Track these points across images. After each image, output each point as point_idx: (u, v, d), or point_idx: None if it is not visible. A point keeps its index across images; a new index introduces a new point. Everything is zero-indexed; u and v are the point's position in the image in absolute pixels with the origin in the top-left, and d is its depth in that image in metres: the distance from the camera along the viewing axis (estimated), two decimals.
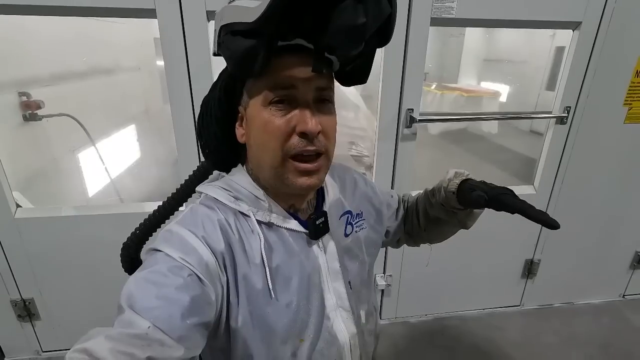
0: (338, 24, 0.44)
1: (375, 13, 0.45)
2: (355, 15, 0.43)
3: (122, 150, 2.44)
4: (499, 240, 1.88)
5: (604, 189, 1.86)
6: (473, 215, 0.69)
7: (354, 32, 0.45)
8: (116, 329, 0.41)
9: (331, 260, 0.61)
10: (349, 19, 0.43)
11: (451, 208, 0.67)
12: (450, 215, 0.69)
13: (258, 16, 0.43)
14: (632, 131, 1.74)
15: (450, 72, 4.07)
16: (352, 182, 0.73)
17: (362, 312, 0.66)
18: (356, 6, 0.43)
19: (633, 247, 2.03)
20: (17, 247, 1.51)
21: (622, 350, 1.80)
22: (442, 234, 0.77)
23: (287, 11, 0.43)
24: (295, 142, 0.51)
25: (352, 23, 0.44)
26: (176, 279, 0.45)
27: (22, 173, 1.66)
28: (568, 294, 2.09)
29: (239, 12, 0.46)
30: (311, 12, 0.44)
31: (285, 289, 0.56)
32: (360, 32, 0.45)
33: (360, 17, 0.43)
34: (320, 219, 0.60)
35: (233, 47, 0.48)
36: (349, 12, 0.43)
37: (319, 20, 0.44)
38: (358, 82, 0.57)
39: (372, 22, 0.45)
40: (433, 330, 1.92)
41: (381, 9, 0.46)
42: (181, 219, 0.54)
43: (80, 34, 1.90)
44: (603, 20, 1.51)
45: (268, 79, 0.50)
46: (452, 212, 0.68)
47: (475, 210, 0.68)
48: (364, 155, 2.44)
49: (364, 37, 0.47)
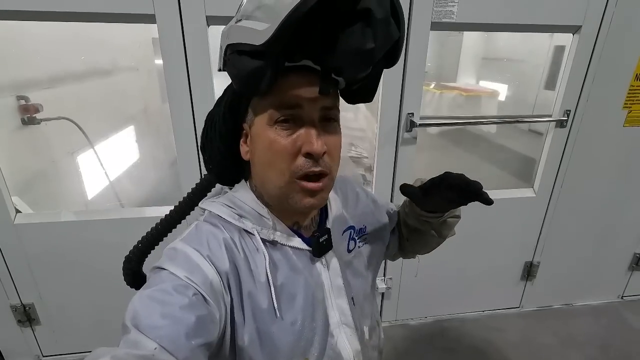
0: (346, 47, 0.43)
1: (383, 37, 0.44)
2: (364, 39, 0.43)
3: (121, 152, 2.43)
4: (499, 243, 1.89)
5: (603, 191, 1.86)
6: (447, 225, 0.68)
7: (362, 56, 0.44)
8: (122, 349, 0.40)
9: (334, 277, 0.61)
10: (357, 43, 0.43)
11: (418, 215, 0.67)
12: (423, 223, 0.68)
13: (266, 39, 0.43)
14: (631, 134, 1.74)
15: (449, 71, 4.06)
16: (354, 195, 0.73)
17: (365, 327, 0.66)
18: (365, 30, 0.43)
19: (631, 248, 2.04)
20: (17, 252, 1.50)
21: (621, 351, 1.81)
22: (425, 245, 0.76)
23: (295, 34, 0.42)
24: (302, 163, 0.51)
25: (361, 47, 0.43)
26: (181, 298, 0.45)
27: (21, 176, 1.66)
28: (567, 296, 2.11)
29: (246, 34, 0.46)
30: (319, 34, 0.43)
31: (290, 307, 0.55)
32: (368, 56, 0.45)
33: (369, 42, 0.43)
34: (323, 236, 0.60)
35: (239, 67, 0.48)
36: (358, 36, 0.43)
37: (327, 42, 0.44)
38: (364, 101, 0.57)
39: (380, 47, 0.44)
40: (433, 332, 1.93)
41: (390, 33, 0.45)
42: (186, 237, 0.54)
43: (78, 34, 1.88)
44: (603, 24, 1.51)
45: (274, 97, 0.50)
46: (425, 221, 0.67)
47: (448, 220, 0.68)
48: (363, 157, 2.43)
49: (372, 61, 0.46)
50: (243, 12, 0.48)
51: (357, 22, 0.43)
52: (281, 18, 0.41)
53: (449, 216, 0.68)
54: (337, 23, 0.43)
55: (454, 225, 0.70)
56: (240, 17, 0.48)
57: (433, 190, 0.60)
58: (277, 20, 0.41)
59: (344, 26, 0.43)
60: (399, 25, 0.46)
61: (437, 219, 0.66)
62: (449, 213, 0.67)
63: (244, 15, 0.47)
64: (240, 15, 0.48)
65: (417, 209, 0.67)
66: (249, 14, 0.46)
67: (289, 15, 0.40)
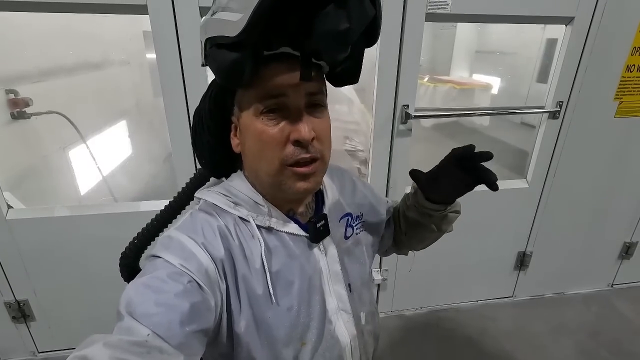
0: (321, 29, 0.43)
1: (358, 16, 0.44)
2: (338, 20, 0.42)
3: (114, 146, 2.41)
4: (492, 234, 1.92)
5: (594, 181, 1.89)
6: (447, 220, 0.69)
7: (338, 37, 0.44)
8: (115, 336, 0.40)
9: (332, 263, 0.62)
10: (332, 25, 0.43)
11: (421, 207, 0.68)
12: (424, 217, 0.69)
13: (241, 29, 0.42)
14: (622, 125, 1.77)
15: (443, 64, 4.06)
16: (351, 184, 0.73)
17: (362, 313, 0.67)
18: (338, 11, 0.42)
19: (621, 238, 2.08)
20: (10, 248, 1.48)
21: (610, 337, 1.85)
22: (422, 240, 0.77)
23: (269, 20, 0.42)
24: (291, 150, 0.51)
25: (336, 28, 0.43)
26: (176, 285, 0.45)
27: (12, 172, 1.63)
28: (559, 285, 2.15)
29: (221, 26, 0.45)
30: (294, 19, 0.43)
31: (286, 293, 0.56)
32: (344, 37, 0.44)
33: (344, 23, 0.42)
34: (320, 222, 0.60)
35: (219, 60, 0.47)
36: (332, 17, 0.42)
37: (302, 27, 0.44)
38: (349, 83, 0.57)
39: (356, 26, 0.44)
40: (428, 322, 1.96)
41: (365, 12, 0.45)
42: (180, 225, 0.54)
43: (66, 27, 1.84)
44: (595, 16, 1.53)
45: (258, 88, 0.50)
46: (427, 215, 0.68)
47: (449, 215, 0.69)
48: (358, 150, 2.44)
49: (348, 41, 0.46)
50: (218, 3, 0.47)
51: (330, 4, 0.42)
52: (253, 6, 0.40)
53: (450, 211, 0.68)
54: (311, 6, 0.42)
55: (454, 220, 0.71)
56: (216, 9, 0.48)
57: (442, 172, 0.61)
58: (250, 9, 0.41)
59: (317, 9, 0.42)
60: (374, 3, 0.46)
61: (440, 212, 0.67)
62: (450, 207, 0.68)
63: (219, 7, 0.47)
64: (216, 7, 0.48)
65: (421, 199, 0.67)
66: (224, 5, 0.46)
67: (260, 3, 0.40)
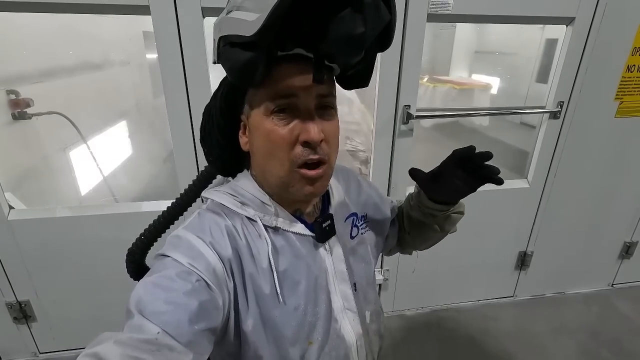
0: (337, 33, 0.43)
1: (374, 21, 0.44)
2: (354, 25, 0.43)
3: (114, 146, 2.41)
4: (493, 234, 1.92)
5: (595, 181, 1.90)
6: (451, 220, 0.70)
7: (353, 41, 0.44)
8: (126, 334, 0.41)
9: (337, 263, 0.62)
10: (347, 28, 0.43)
11: (424, 207, 0.68)
12: (427, 217, 0.69)
13: (257, 30, 0.42)
14: (622, 125, 1.77)
15: (442, 64, 4.07)
16: (356, 184, 0.73)
17: (367, 312, 0.67)
18: (354, 15, 0.42)
19: (622, 237, 2.09)
20: (11, 249, 1.48)
21: (611, 336, 1.86)
22: (426, 240, 0.78)
23: (285, 22, 0.42)
24: (300, 151, 0.51)
25: (351, 32, 0.43)
26: (184, 284, 0.46)
27: (13, 172, 1.63)
28: (559, 284, 2.15)
29: (236, 25, 0.45)
30: (310, 21, 0.43)
31: (293, 292, 0.56)
32: (359, 41, 0.44)
33: (359, 27, 0.43)
34: (326, 222, 0.60)
35: (232, 59, 0.47)
36: (348, 21, 0.43)
37: (317, 29, 0.44)
38: (360, 86, 0.57)
39: (371, 31, 0.44)
40: (429, 322, 1.96)
41: (380, 17, 0.45)
42: (189, 225, 0.55)
43: (66, 27, 1.84)
44: (596, 16, 1.53)
45: (269, 88, 0.50)
46: (430, 215, 0.69)
47: (452, 215, 0.69)
48: (359, 150, 2.44)
49: (363, 45, 0.46)
50: (233, 2, 0.48)
51: (346, 7, 0.42)
52: (270, 7, 0.41)
53: (454, 211, 0.69)
54: (327, 9, 0.43)
55: (457, 221, 0.71)
56: (231, 8, 0.48)
57: (443, 172, 0.61)
58: (267, 10, 0.41)
59: (333, 12, 0.43)
60: (390, 8, 0.46)
61: (443, 212, 0.67)
62: (454, 208, 0.68)
63: (234, 6, 0.47)
64: (231, 6, 0.48)
65: (424, 199, 0.67)
66: (239, 4, 0.46)
67: (277, 4, 0.40)
